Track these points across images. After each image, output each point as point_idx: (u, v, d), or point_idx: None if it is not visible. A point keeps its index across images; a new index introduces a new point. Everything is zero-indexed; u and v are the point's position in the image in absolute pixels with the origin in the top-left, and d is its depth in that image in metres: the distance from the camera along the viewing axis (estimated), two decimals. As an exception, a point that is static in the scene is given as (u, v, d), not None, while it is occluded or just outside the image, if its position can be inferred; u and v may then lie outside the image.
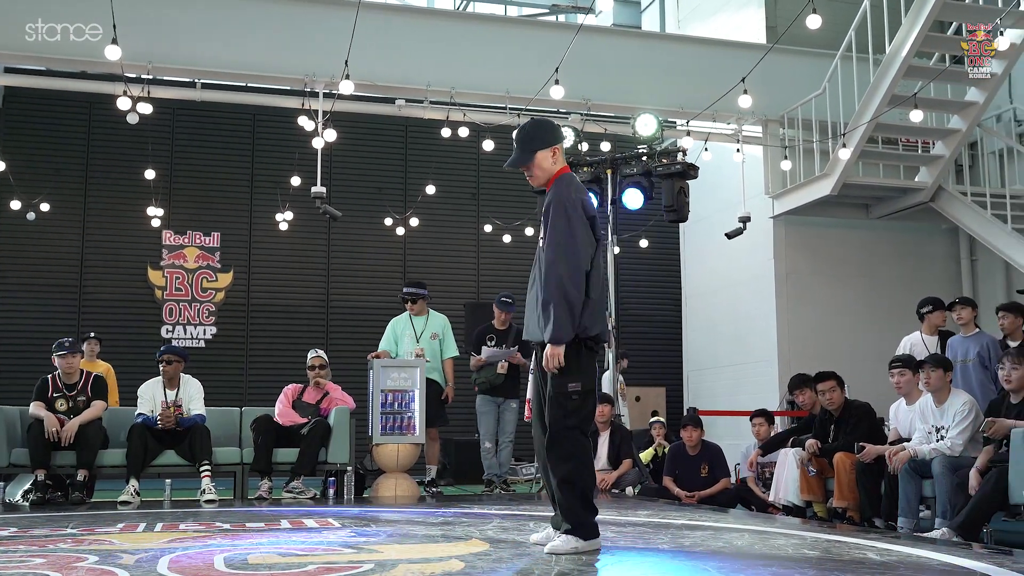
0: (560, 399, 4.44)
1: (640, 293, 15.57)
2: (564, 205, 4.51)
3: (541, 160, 4.61)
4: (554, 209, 4.51)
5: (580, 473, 4.46)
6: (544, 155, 4.61)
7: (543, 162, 4.62)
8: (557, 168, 4.66)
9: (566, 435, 4.45)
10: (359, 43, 9.47)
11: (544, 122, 4.80)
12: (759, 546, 4.82)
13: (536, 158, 4.61)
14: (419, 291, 9.31)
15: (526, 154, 4.62)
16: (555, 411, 4.45)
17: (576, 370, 4.46)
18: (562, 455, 4.45)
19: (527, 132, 4.67)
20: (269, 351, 14.28)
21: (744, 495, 8.66)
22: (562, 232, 4.46)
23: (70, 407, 8.04)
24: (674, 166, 9.88)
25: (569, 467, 4.43)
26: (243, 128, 14.72)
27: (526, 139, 4.64)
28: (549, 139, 4.64)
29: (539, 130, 4.68)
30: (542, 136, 4.64)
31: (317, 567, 4.03)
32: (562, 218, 4.49)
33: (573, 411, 4.46)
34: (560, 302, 4.37)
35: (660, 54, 12.42)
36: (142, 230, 13.84)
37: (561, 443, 4.45)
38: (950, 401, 6.72)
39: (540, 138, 4.64)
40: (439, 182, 13.85)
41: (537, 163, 4.62)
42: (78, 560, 4.25)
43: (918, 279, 12.49)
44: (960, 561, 4.27)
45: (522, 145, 4.65)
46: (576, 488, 4.42)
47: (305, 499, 8.17)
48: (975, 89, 11.07)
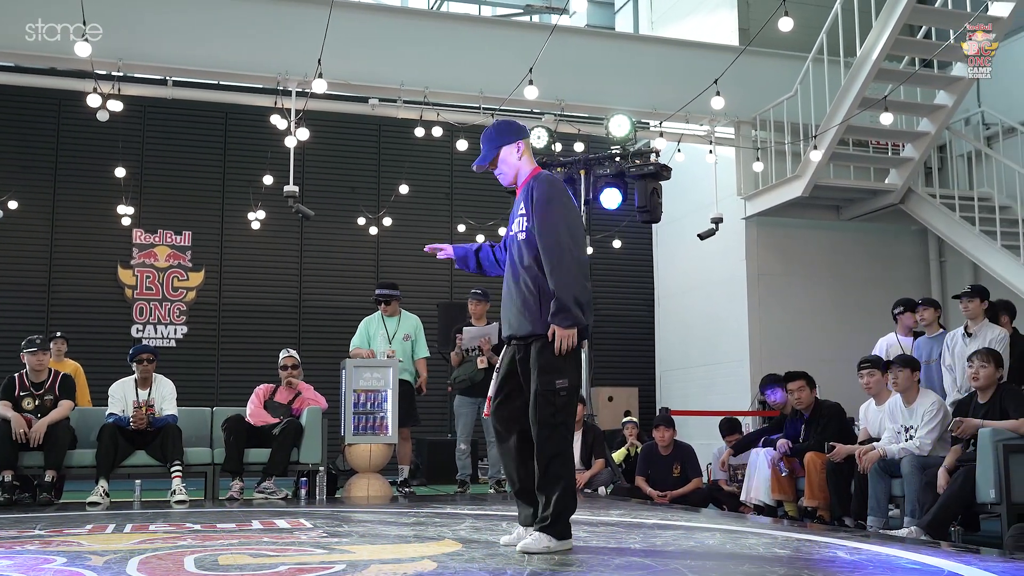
0: (549, 396, 4.45)
1: (613, 293, 15.60)
2: (559, 195, 4.54)
3: (506, 155, 4.65)
4: (547, 197, 4.50)
5: (569, 469, 4.50)
6: (508, 150, 4.64)
7: (508, 157, 4.65)
8: (525, 164, 4.67)
9: (555, 432, 4.46)
10: (332, 42, 9.44)
11: (507, 120, 4.84)
12: (730, 545, 4.84)
13: (501, 153, 4.64)
14: (392, 292, 9.28)
15: (491, 151, 4.65)
16: (544, 409, 4.45)
17: (564, 367, 4.47)
18: (552, 452, 4.45)
19: (491, 131, 4.71)
20: (241, 351, 14.20)
21: (716, 495, 8.71)
22: (561, 219, 4.47)
23: (37, 406, 7.96)
24: (647, 167, 9.91)
25: (559, 463, 4.45)
26: (215, 126, 14.64)
27: (491, 137, 4.68)
28: (512, 135, 4.67)
29: (502, 127, 4.72)
30: (505, 133, 4.68)
31: (288, 568, 4.01)
32: (559, 206, 4.50)
33: (561, 408, 4.47)
34: (574, 282, 4.40)
35: (633, 55, 12.46)
36: (112, 228, 13.73)
37: (551, 439, 4.46)
38: (919, 401, 6.78)
39: (503, 134, 4.67)
40: (412, 182, 13.83)
41: (502, 159, 4.65)
42: (46, 562, 4.21)
43: (888, 280, 12.61)
44: (928, 559, 4.31)
45: (487, 144, 4.68)
46: (565, 484, 4.44)
47: (277, 499, 8.14)
48: (944, 92, 11.19)
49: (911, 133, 11.68)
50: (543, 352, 4.47)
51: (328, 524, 5.92)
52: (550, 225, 4.46)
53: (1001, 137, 12.10)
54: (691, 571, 3.93)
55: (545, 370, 4.45)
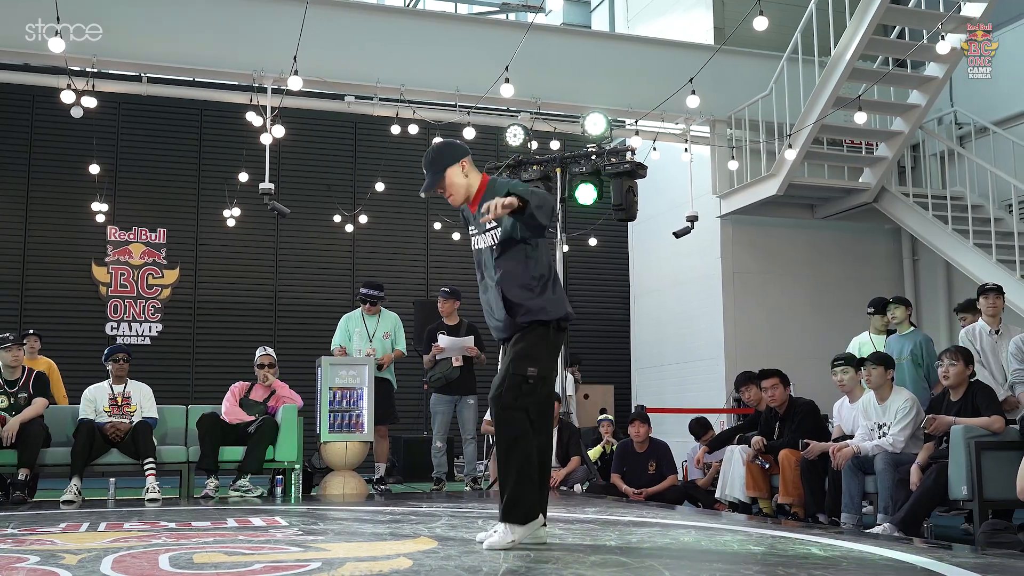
0: (516, 380, 4.50)
1: (589, 291, 15.64)
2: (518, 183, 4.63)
3: (452, 176, 4.64)
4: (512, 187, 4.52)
5: (521, 452, 4.51)
6: (453, 171, 4.64)
7: (455, 178, 4.65)
8: (473, 179, 4.69)
9: (513, 416, 4.50)
10: (308, 39, 9.42)
11: (446, 142, 4.82)
12: (705, 542, 4.87)
13: (447, 175, 4.64)
14: (378, 294, 9.31)
15: (436, 175, 4.65)
16: (509, 392, 4.50)
17: (538, 356, 4.55)
18: (506, 434, 4.51)
19: (431, 155, 4.69)
20: (216, 348, 14.14)
21: (691, 492, 8.74)
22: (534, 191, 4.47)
23: (11, 404, 7.90)
24: (623, 165, 9.93)
25: (509, 446, 4.50)
26: (190, 123, 14.56)
27: (432, 162, 4.67)
28: (454, 155, 4.67)
29: (443, 149, 4.71)
30: (447, 154, 4.67)
31: (264, 566, 4.01)
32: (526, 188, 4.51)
33: (527, 393, 4.52)
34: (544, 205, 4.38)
35: (609, 54, 12.48)
36: (86, 226, 13.66)
37: (507, 422, 4.51)
38: (892, 399, 6.83)
39: (446, 156, 4.66)
40: (388, 179, 13.81)
41: (449, 180, 4.65)
42: (19, 560, 4.18)
43: (861, 278, 12.71)
44: (901, 555, 4.35)
45: (430, 168, 4.67)
46: (515, 466, 4.47)
47: (252, 497, 8.11)
48: (917, 92, 11.27)
49: (885, 132, 11.76)
50: (519, 341, 4.57)
51: (303, 522, 5.91)
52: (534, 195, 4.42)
53: (973, 137, 12.20)
54: (667, 568, 3.95)
55: (519, 356, 4.54)
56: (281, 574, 3.79)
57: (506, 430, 4.51)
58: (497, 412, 4.53)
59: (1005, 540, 5.53)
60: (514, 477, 4.47)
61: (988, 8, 10.00)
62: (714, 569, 3.94)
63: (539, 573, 3.78)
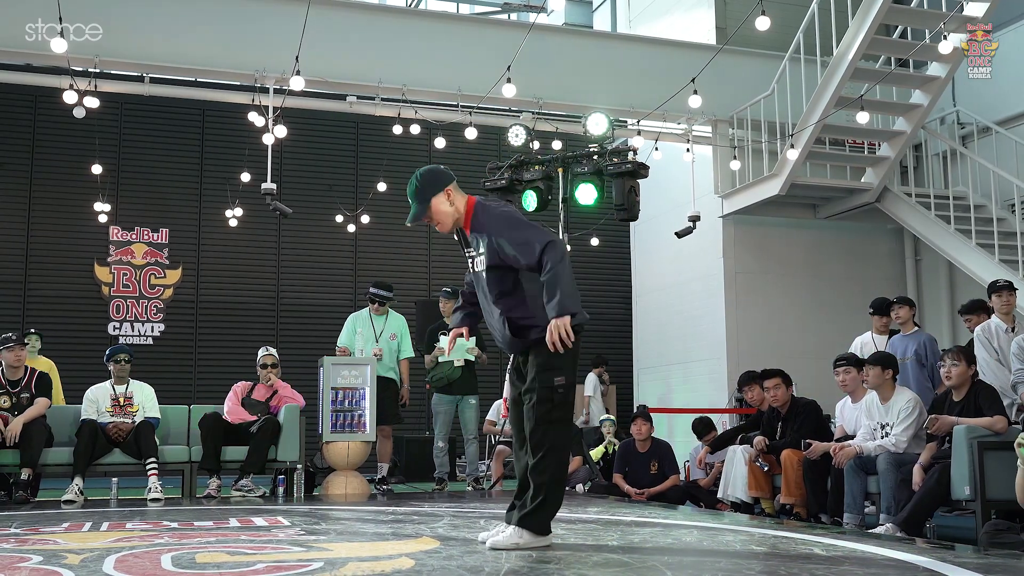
0: (546, 393, 4.47)
1: (590, 291, 15.61)
2: (510, 214, 4.60)
3: (438, 205, 4.63)
4: (504, 221, 4.54)
5: (561, 466, 4.55)
6: (439, 199, 4.63)
7: (440, 206, 4.63)
8: (459, 204, 4.66)
9: (551, 427, 4.49)
10: (310, 39, 9.42)
11: (429, 170, 4.75)
12: (708, 542, 4.86)
13: (432, 205, 4.63)
14: (387, 295, 9.32)
15: (422, 206, 4.64)
16: (541, 406, 4.47)
17: (562, 365, 4.51)
18: (549, 444, 4.47)
19: (416, 185, 4.66)
20: (218, 348, 14.15)
21: (693, 492, 8.74)
22: (527, 228, 4.50)
23: (13, 403, 7.92)
24: (624, 165, 9.91)
25: (553, 458, 4.48)
26: (192, 123, 14.57)
27: (417, 192, 4.65)
28: (439, 184, 4.64)
29: (427, 179, 4.66)
30: (431, 184, 4.64)
31: (266, 565, 4.01)
32: (517, 222, 4.54)
33: (559, 404, 4.50)
34: (563, 275, 4.39)
35: (611, 54, 12.47)
36: (89, 226, 13.66)
37: (548, 435, 4.49)
38: (895, 399, 6.83)
39: (430, 186, 4.64)
40: (390, 180, 13.79)
41: (435, 209, 4.63)
42: (22, 560, 4.19)
43: (864, 278, 12.69)
44: (904, 556, 4.35)
45: (415, 198, 4.66)
46: (552, 477, 4.48)
47: (254, 497, 8.11)
48: (920, 92, 11.26)
49: (887, 132, 11.75)
50: (541, 351, 4.50)
51: (306, 522, 5.91)
52: (521, 241, 4.46)
53: (976, 136, 12.19)
54: (669, 568, 3.95)
55: (544, 368, 4.49)
56: (283, 574, 3.79)
57: (543, 441, 4.47)
58: (531, 428, 4.49)
59: (1008, 540, 5.52)
60: (545, 488, 4.44)
61: (990, 8, 9.98)
62: (716, 569, 3.94)
63: (541, 573, 3.78)
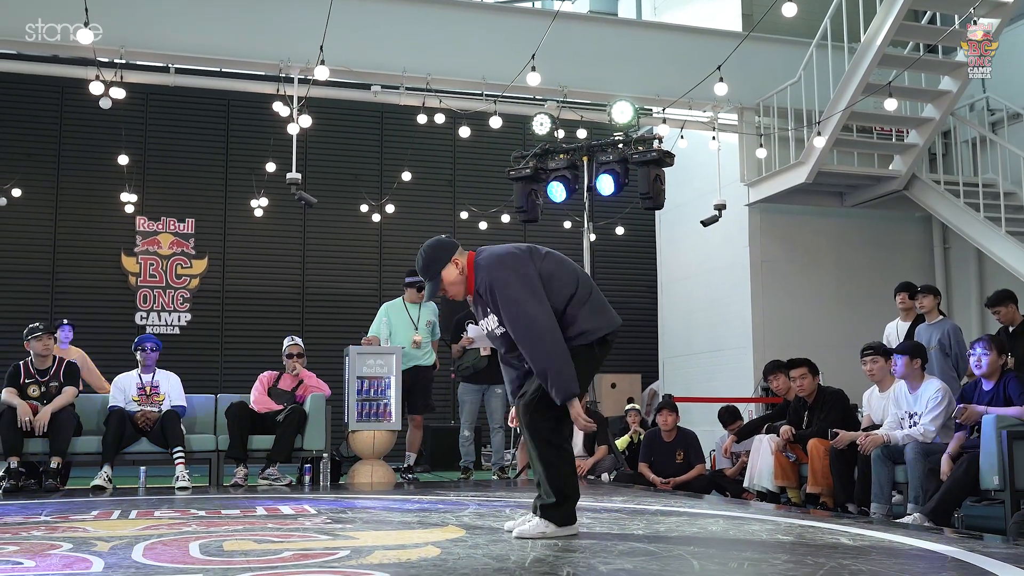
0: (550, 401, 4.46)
1: (616, 280, 15.58)
2: (505, 277, 4.53)
3: (448, 276, 4.63)
4: (496, 288, 4.52)
5: (563, 457, 4.56)
6: (448, 271, 4.62)
7: (450, 276, 4.63)
8: (464, 268, 4.64)
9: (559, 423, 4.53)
10: (334, 28, 9.42)
11: (432, 244, 4.73)
12: (733, 531, 4.85)
13: (443, 278, 4.63)
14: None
15: (434, 282, 4.66)
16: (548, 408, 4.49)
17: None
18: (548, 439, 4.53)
19: (424, 261, 4.66)
20: (244, 338, 14.22)
21: (719, 481, 8.71)
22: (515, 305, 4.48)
23: (42, 393, 7.99)
24: (650, 153, 9.89)
25: (554, 452, 4.52)
26: (217, 114, 14.63)
27: (426, 268, 4.66)
28: (444, 256, 4.64)
29: (432, 253, 4.66)
30: (437, 258, 4.64)
31: (293, 554, 4.03)
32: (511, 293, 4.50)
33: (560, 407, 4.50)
34: (550, 364, 4.39)
35: (636, 41, 12.41)
36: (115, 216, 13.75)
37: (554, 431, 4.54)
38: (924, 388, 6.78)
39: (436, 260, 4.64)
40: (415, 169, 13.81)
41: (447, 281, 4.64)
42: (52, 547, 4.22)
43: (891, 267, 12.57)
44: (931, 545, 4.32)
45: (425, 275, 4.68)
46: (566, 469, 4.51)
47: (281, 486, 8.16)
48: (949, 78, 11.14)
49: (915, 119, 11.63)
50: None
51: (332, 510, 5.93)
52: (512, 315, 4.47)
53: (1006, 123, 12.06)
54: (695, 557, 3.93)
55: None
56: (310, 562, 3.80)
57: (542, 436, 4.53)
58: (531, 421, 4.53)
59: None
60: (560, 478, 4.47)
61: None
62: (743, 558, 3.93)
63: (567, 562, 3.77)
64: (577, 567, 3.68)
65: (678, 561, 3.82)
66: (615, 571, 3.55)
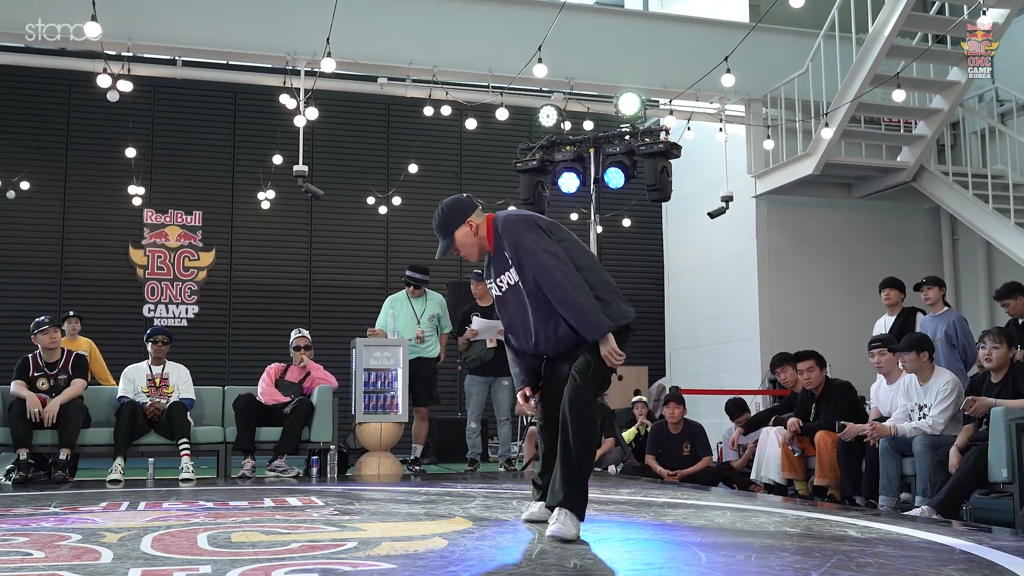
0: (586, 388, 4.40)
1: (623, 272, 15.55)
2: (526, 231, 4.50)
3: (462, 237, 4.60)
4: (517, 242, 4.48)
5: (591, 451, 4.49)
6: (462, 231, 4.59)
7: (464, 238, 4.60)
8: (483, 229, 4.61)
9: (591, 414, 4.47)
10: (341, 21, 9.41)
11: (451, 202, 4.70)
12: (741, 523, 4.85)
13: (456, 237, 4.60)
14: (423, 278, 9.34)
15: (447, 240, 4.62)
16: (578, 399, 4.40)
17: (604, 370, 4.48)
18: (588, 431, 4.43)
19: (440, 219, 4.64)
20: (251, 330, 14.26)
21: (726, 473, 8.71)
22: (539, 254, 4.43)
23: (51, 385, 8.01)
24: (657, 145, 9.86)
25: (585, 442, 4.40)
26: (224, 106, 14.65)
27: (441, 226, 4.63)
28: (460, 216, 4.61)
29: (448, 213, 4.64)
30: (453, 217, 4.62)
31: (300, 545, 4.04)
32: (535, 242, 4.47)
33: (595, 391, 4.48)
34: (580, 301, 4.35)
35: (643, 33, 12.37)
36: (123, 209, 13.78)
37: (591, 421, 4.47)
38: (934, 379, 6.77)
39: (452, 219, 4.61)
40: (421, 161, 13.80)
41: (459, 241, 4.61)
42: (61, 538, 4.24)
43: (899, 258, 12.54)
44: (940, 538, 4.31)
45: (439, 232, 4.64)
46: (591, 467, 4.49)
47: (288, 478, 8.18)
48: (957, 69, 11.09)
49: (924, 110, 11.59)
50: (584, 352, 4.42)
51: (339, 502, 5.95)
52: (539, 265, 4.41)
53: (1015, 114, 12.01)
54: (702, 549, 3.94)
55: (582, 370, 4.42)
56: (318, 553, 3.81)
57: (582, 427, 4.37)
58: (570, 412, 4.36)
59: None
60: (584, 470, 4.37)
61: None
62: (750, 550, 3.93)
63: (573, 554, 3.78)
64: (584, 559, 3.68)
65: (685, 553, 3.82)
66: (622, 563, 3.56)
